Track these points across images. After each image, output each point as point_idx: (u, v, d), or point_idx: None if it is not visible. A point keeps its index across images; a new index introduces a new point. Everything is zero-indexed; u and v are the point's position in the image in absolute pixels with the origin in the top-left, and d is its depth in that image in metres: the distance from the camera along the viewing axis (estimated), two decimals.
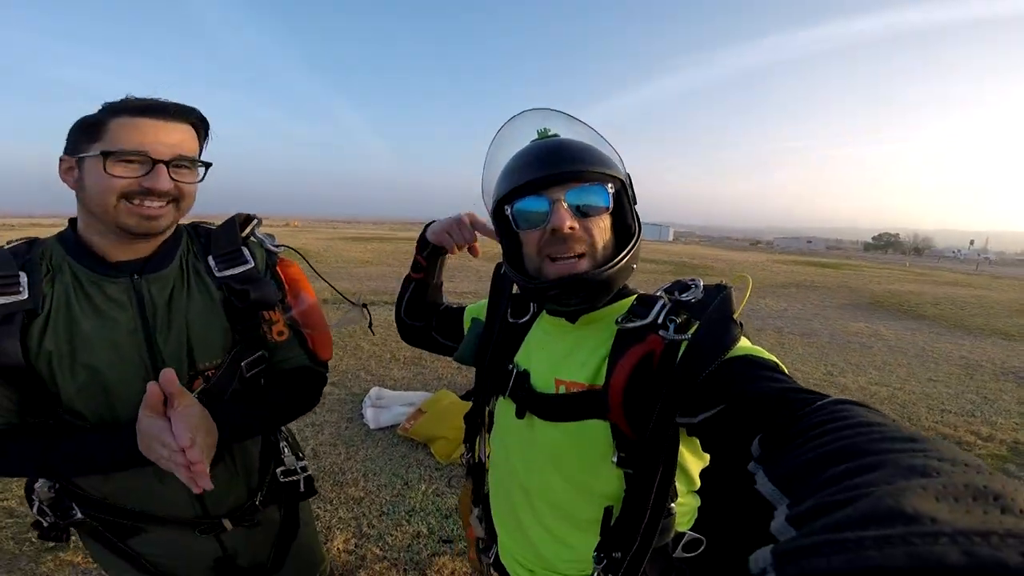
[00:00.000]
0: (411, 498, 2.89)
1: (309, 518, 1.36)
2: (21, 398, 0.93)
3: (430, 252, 1.14)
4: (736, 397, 0.60)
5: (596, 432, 0.78)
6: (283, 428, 1.26)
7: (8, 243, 0.97)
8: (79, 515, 1.05)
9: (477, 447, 1.07)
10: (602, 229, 0.81)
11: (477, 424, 1.05)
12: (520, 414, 0.87)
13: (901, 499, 0.29)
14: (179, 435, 0.82)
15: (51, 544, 2.24)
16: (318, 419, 3.95)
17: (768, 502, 0.44)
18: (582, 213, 0.79)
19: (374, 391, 4.30)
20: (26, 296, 0.89)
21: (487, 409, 1.01)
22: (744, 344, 0.69)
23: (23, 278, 0.90)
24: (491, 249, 1.08)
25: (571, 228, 0.78)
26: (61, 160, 0.93)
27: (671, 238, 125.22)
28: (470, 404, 1.06)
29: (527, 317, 0.97)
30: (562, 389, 0.82)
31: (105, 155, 0.87)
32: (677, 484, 0.78)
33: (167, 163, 0.91)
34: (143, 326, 0.96)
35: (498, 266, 1.01)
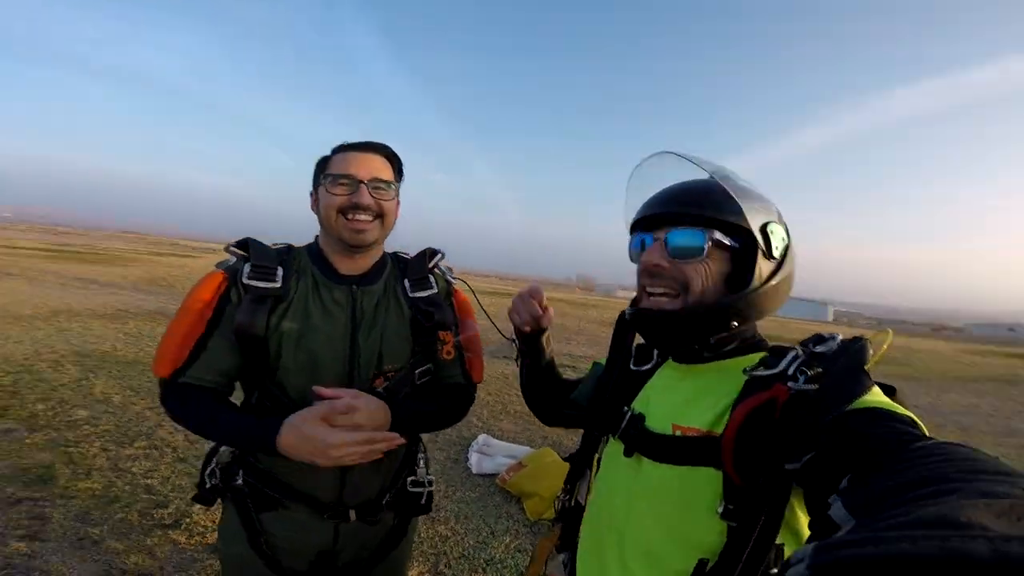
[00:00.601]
0: (493, 548, 2.87)
1: (412, 535, 1.42)
2: (243, 366, 1.13)
3: (521, 335, 1.16)
4: (842, 438, 0.57)
5: (705, 479, 0.74)
6: (422, 442, 1.38)
7: (273, 244, 1.23)
8: (240, 481, 1.18)
9: (577, 489, 1.04)
10: (702, 273, 0.80)
11: (582, 465, 1.02)
12: (629, 453, 0.85)
13: (958, 511, 0.29)
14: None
15: (169, 522, 2.59)
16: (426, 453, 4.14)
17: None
18: (680, 254, 0.81)
19: (482, 438, 4.38)
20: (279, 285, 1.13)
21: (595, 451, 1.00)
22: (877, 397, 0.64)
23: (279, 272, 1.15)
24: (610, 312, 1.12)
25: (656, 266, 0.81)
26: (310, 195, 1.23)
27: (830, 318, 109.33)
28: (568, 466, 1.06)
29: (650, 365, 0.97)
30: (678, 433, 0.79)
31: (326, 178, 1.16)
32: (784, 544, 0.72)
33: (367, 183, 1.15)
34: (352, 326, 1.17)
35: (621, 314, 1.01)
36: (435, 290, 1.27)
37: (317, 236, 1.26)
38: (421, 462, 1.34)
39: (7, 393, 4.20)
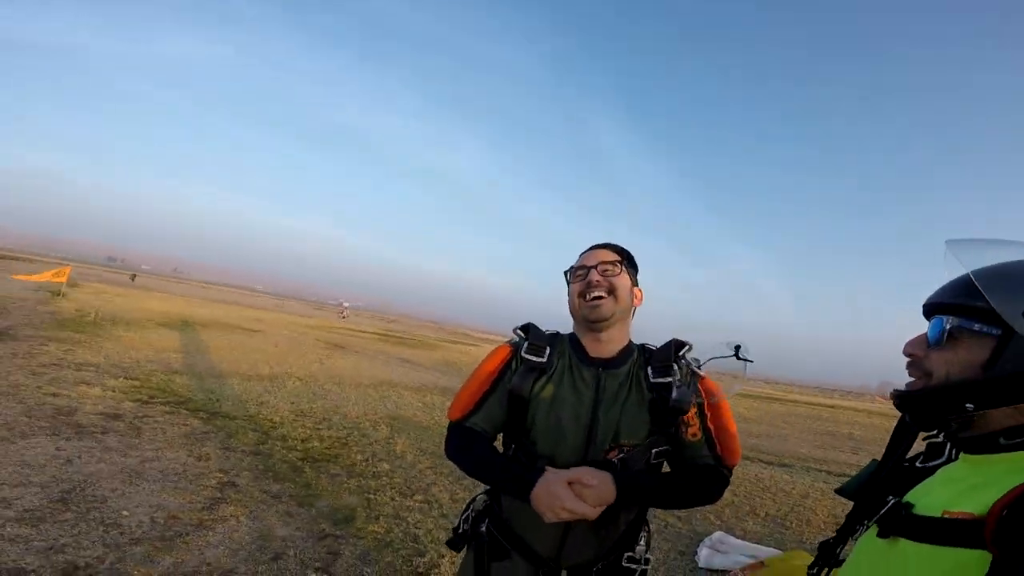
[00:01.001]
0: None
1: None
2: (508, 421, 1.40)
3: None
4: None
5: (968, 560, 0.70)
6: (648, 523, 1.46)
7: (546, 330, 1.49)
8: (483, 528, 1.42)
9: (822, 574, 1.05)
10: (946, 361, 0.81)
11: (833, 551, 1.03)
12: (884, 534, 0.83)
13: None
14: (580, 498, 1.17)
15: (422, 571, 3.00)
16: (652, 543, 4.00)
17: None
18: (932, 342, 0.84)
19: (718, 535, 4.21)
20: (545, 360, 1.38)
21: (848, 539, 1.00)
22: None
23: (547, 350, 1.40)
24: None
25: (906, 353, 0.88)
26: (568, 295, 1.47)
27: None
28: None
29: (940, 460, 0.94)
30: (946, 517, 0.76)
31: (569, 274, 1.46)
32: None
33: (595, 267, 1.40)
34: (594, 403, 1.35)
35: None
36: (677, 377, 1.35)
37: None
38: (642, 540, 1.40)
39: (340, 443, 5.52)
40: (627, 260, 1.45)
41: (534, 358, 1.38)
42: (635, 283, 1.46)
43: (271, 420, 6.01)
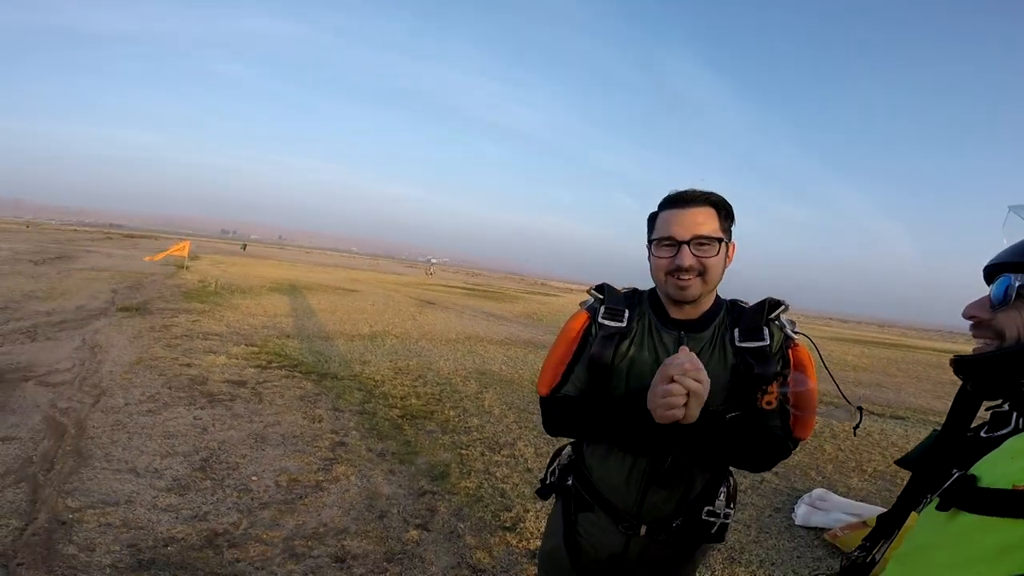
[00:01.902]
0: None
1: (700, 561, 1.53)
2: (589, 383, 1.38)
3: None
4: None
5: None
6: (730, 477, 1.43)
7: (623, 288, 1.45)
8: (570, 482, 1.47)
9: (877, 548, 1.02)
10: (1014, 322, 0.80)
11: (891, 526, 1.02)
12: (945, 506, 0.81)
13: None
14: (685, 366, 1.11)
15: (508, 525, 3.19)
16: (745, 499, 4.00)
17: None
18: (996, 303, 0.83)
19: (818, 491, 4.08)
20: (624, 325, 1.35)
21: (909, 512, 0.99)
22: None
23: (626, 313, 1.37)
24: None
25: (967, 316, 0.86)
26: (646, 246, 1.36)
27: None
28: None
29: (1007, 430, 0.92)
30: (1017, 490, 0.76)
31: (652, 241, 1.32)
32: None
33: (689, 243, 1.25)
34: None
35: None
36: (766, 342, 1.28)
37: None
38: (722, 495, 1.39)
39: (435, 400, 5.90)
40: (729, 219, 1.31)
41: (612, 323, 1.35)
42: (730, 238, 1.31)
43: (373, 379, 6.50)
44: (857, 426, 1.27)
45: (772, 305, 1.32)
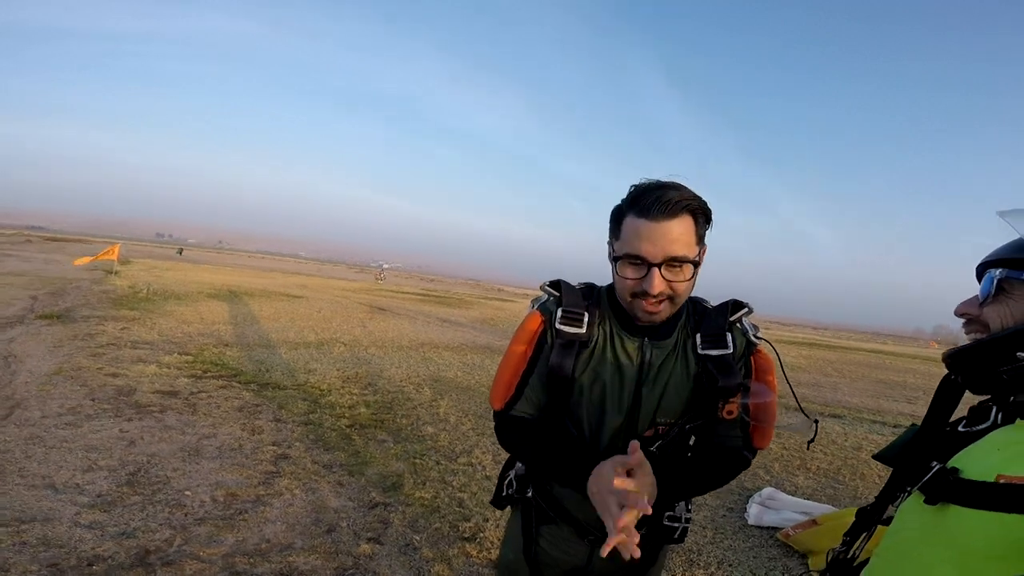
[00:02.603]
0: None
1: (663, 562, 1.48)
2: (547, 401, 1.26)
3: None
4: None
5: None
6: None
7: (578, 284, 1.30)
8: (530, 493, 1.35)
9: (857, 544, 1.01)
10: (1000, 313, 0.83)
11: (871, 520, 1.00)
12: (932, 501, 0.80)
13: None
14: (631, 502, 0.97)
15: (467, 535, 3.06)
16: (699, 499, 4.02)
17: None
18: (984, 299, 0.86)
19: (767, 491, 4.18)
20: (584, 331, 1.21)
21: (888, 506, 0.98)
22: None
23: (585, 317, 1.22)
24: None
25: (959, 314, 0.90)
26: (608, 244, 1.22)
27: None
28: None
29: (986, 424, 0.91)
30: (1002, 482, 0.76)
31: (619, 257, 1.14)
32: None
33: (659, 265, 1.09)
34: (638, 380, 1.21)
35: (947, 375, 1.00)
36: (730, 350, 1.20)
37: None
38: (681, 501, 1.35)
39: (386, 409, 5.68)
40: (703, 219, 1.15)
41: (570, 329, 1.20)
42: (702, 240, 1.17)
43: (319, 388, 6.21)
44: (811, 440, 1.18)
45: (735, 307, 1.25)
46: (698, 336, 1.22)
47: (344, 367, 7.54)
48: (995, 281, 0.84)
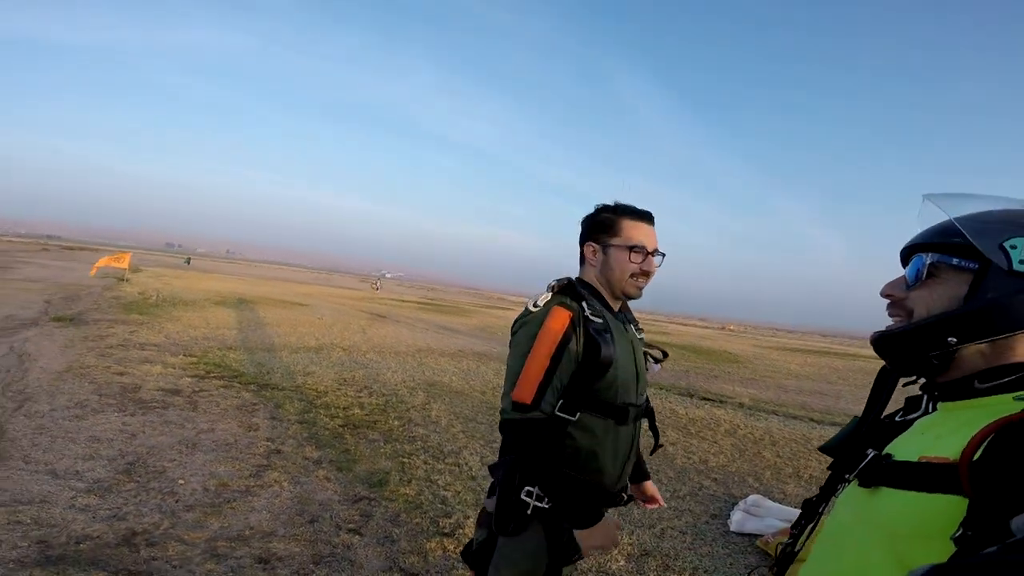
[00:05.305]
0: None
1: None
2: (574, 387, 1.37)
3: None
4: None
5: (945, 505, 0.71)
6: None
7: (557, 280, 1.46)
8: (566, 497, 1.33)
9: (804, 535, 1.05)
10: (926, 298, 0.84)
11: (813, 511, 1.03)
12: (865, 484, 0.84)
13: None
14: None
15: (447, 531, 3.17)
16: (683, 505, 4.07)
17: None
18: (911, 283, 0.87)
19: (753, 498, 4.16)
20: (603, 321, 1.42)
21: (831, 496, 1.03)
22: None
23: (597, 306, 1.45)
24: None
25: (884, 294, 0.92)
26: (587, 245, 1.52)
27: None
28: None
29: (918, 413, 0.95)
30: (923, 461, 0.78)
31: (623, 245, 1.46)
32: None
33: (653, 253, 1.49)
34: (634, 354, 1.51)
35: (883, 368, 1.06)
36: (642, 336, 1.62)
37: (580, 276, 1.54)
38: None
39: (379, 410, 5.81)
40: None
41: (598, 319, 1.40)
42: None
43: (316, 389, 6.35)
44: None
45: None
46: (632, 325, 1.59)
47: (342, 370, 7.69)
48: (925, 265, 0.84)
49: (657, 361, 1.66)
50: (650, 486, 1.76)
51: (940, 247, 0.83)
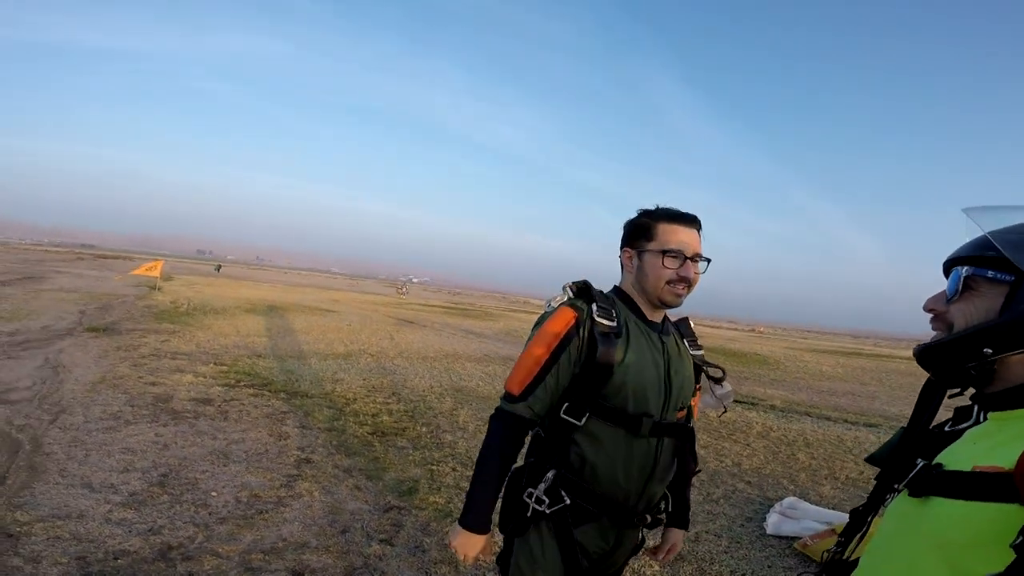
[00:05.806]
0: None
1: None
2: (575, 390, 1.35)
3: None
4: None
5: (1003, 517, 0.70)
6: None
7: (573, 282, 1.43)
8: (567, 501, 1.34)
9: (853, 544, 1.04)
10: (964, 310, 0.84)
11: (863, 519, 1.02)
12: (916, 494, 0.82)
13: None
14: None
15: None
16: (717, 509, 3.99)
17: None
18: (952, 294, 0.87)
19: (789, 500, 4.09)
20: (616, 324, 1.36)
21: (880, 505, 1.01)
22: None
23: (613, 311, 1.38)
24: None
25: (927, 309, 0.92)
26: (624, 251, 1.47)
27: None
28: None
29: (968, 423, 0.95)
30: (977, 471, 0.77)
31: (657, 250, 1.38)
32: None
33: (692, 258, 1.39)
34: (667, 366, 1.41)
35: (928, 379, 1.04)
36: (702, 353, 1.55)
37: (619, 285, 1.50)
38: None
39: (407, 416, 5.81)
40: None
41: (607, 322, 1.35)
42: None
43: (345, 397, 6.38)
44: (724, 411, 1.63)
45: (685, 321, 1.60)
46: (685, 341, 1.53)
47: (370, 377, 7.73)
48: (961, 278, 0.85)
49: (718, 380, 1.56)
50: (673, 536, 1.61)
51: (976, 260, 0.85)
